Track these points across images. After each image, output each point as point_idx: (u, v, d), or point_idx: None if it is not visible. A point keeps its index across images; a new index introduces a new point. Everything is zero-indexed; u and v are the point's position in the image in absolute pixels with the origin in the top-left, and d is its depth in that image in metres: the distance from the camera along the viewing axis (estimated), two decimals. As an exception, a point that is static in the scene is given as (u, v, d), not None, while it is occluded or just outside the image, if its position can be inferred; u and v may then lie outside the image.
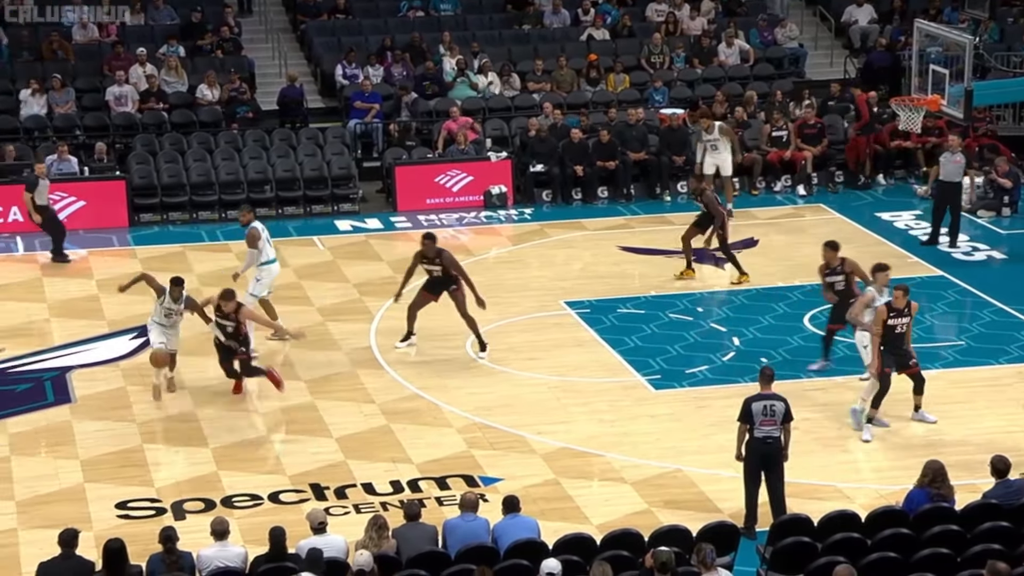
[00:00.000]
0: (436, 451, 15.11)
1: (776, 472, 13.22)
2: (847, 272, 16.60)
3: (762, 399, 13.20)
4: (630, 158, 24.32)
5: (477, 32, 27.93)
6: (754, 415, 13.11)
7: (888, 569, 11.15)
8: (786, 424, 13.22)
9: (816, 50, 28.99)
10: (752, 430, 13.13)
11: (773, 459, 13.19)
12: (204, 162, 23.89)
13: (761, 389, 13.34)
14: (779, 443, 13.21)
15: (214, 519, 11.85)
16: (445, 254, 17.49)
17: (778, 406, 13.16)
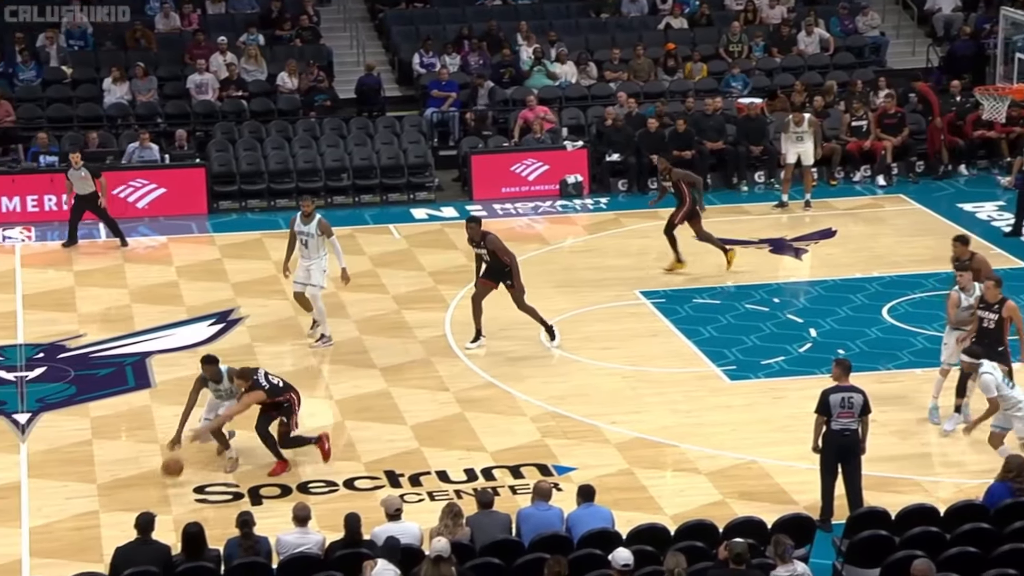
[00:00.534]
0: (510, 440, 15.12)
1: (853, 464, 13.09)
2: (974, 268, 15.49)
3: (840, 391, 13.08)
4: (707, 147, 24.17)
5: (554, 21, 27.88)
6: (832, 407, 13.00)
7: (967, 564, 11.01)
8: (864, 416, 13.10)
9: (898, 39, 28.63)
10: (829, 422, 13.02)
11: (850, 451, 13.06)
12: (282, 150, 24.06)
13: (839, 381, 13.19)
14: (856, 435, 13.08)
15: (296, 504, 11.94)
16: (490, 236, 17.27)
17: (856, 398, 13.03)
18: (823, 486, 13.14)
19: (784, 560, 10.75)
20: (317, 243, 17.40)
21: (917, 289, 19.31)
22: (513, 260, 17.18)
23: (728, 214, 22.84)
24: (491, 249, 17.10)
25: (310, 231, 17.35)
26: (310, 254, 17.40)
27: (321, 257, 17.45)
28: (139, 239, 21.99)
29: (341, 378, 16.68)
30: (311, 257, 17.38)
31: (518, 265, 17.28)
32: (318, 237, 17.35)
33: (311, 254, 17.36)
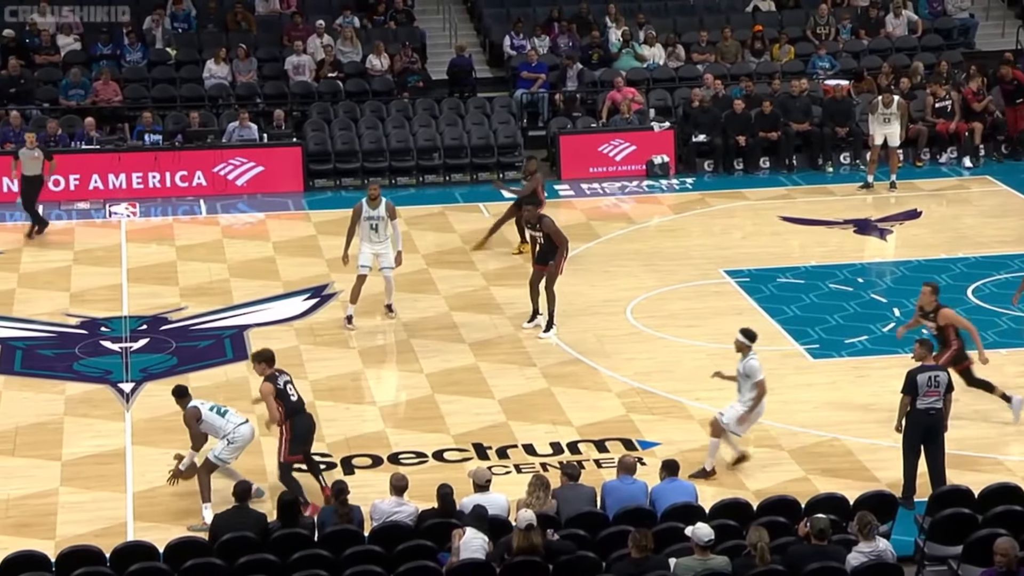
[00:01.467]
0: (595, 415, 15.11)
1: (937, 443, 12.94)
2: None
3: (926, 371, 12.92)
4: (792, 129, 23.91)
5: (643, 3, 27.70)
6: (919, 386, 12.84)
7: (1049, 544, 10.82)
8: (948, 394, 12.94)
9: (987, 20, 28.07)
10: (915, 401, 12.85)
11: (936, 430, 12.91)
12: (376, 130, 24.18)
13: (923, 360, 13.03)
14: (941, 414, 12.91)
15: (394, 474, 12.02)
16: (546, 219, 17.21)
17: (942, 376, 12.89)
18: (906, 465, 12.99)
19: (867, 536, 10.64)
20: (386, 225, 17.43)
21: (1002, 270, 18.98)
22: (563, 244, 17.02)
23: (814, 195, 22.60)
24: (546, 232, 17.02)
25: (379, 214, 17.39)
26: (380, 237, 17.45)
27: (388, 238, 17.50)
28: (238, 215, 22.23)
29: (430, 352, 16.75)
30: (381, 240, 17.43)
31: (567, 251, 17.12)
32: (387, 219, 17.38)
33: (380, 237, 17.42)
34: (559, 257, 16.91)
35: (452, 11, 28.11)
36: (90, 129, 23.14)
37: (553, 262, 16.94)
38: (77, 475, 14.06)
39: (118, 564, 10.95)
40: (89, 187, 22.83)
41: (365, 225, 17.46)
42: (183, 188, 23.04)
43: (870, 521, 10.71)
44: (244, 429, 13.19)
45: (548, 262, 17.01)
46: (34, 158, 20.90)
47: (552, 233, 16.96)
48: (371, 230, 17.47)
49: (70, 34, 25.75)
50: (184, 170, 23.07)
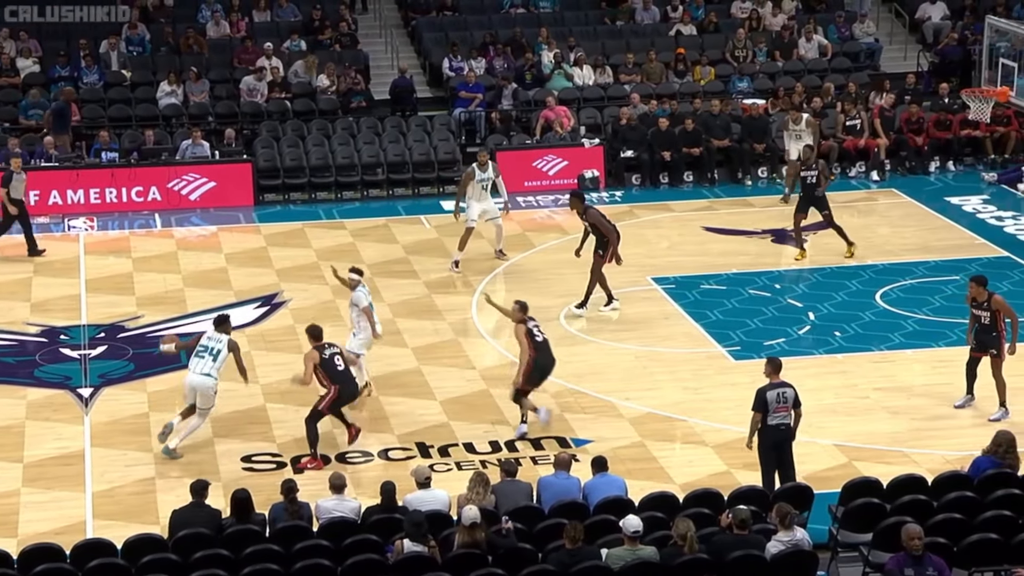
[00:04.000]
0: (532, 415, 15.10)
1: (787, 455, 12.79)
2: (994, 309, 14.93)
3: (775, 388, 12.77)
4: (714, 145, 24.09)
5: (573, 27, 27.80)
6: (769, 403, 12.70)
7: (953, 529, 10.97)
8: (797, 410, 12.79)
9: (891, 45, 28.44)
10: (766, 418, 12.70)
11: (786, 444, 12.77)
12: (322, 147, 24.08)
13: (771, 379, 12.86)
14: (790, 429, 12.76)
15: (332, 474, 11.97)
16: (591, 211, 17.78)
17: (788, 392, 12.75)
18: (764, 479, 12.77)
19: (786, 526, 10.72)
20: (493, 185, 19.56)
21: (908, 276, 19.21)
22: (610, 233, 17.48)
23: (734, 206, 22.77)
24: (591, 223, 17.57)
25: (489, 176, 19.54)
26: (487, 196, 19.60)
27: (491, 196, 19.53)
28: (191, 228, 22.04)
29: (376, 357, 16.68)
30: (489, 198, 19.64)
31: (616, 240, 17.50)
32: (496, 178, 19.59)
33: (488, 196, 19.61)
34: (608, 247, 17.50)
35: (394, 35, 28.07)
36: (49, 147, 22.85)
37: (603, 250, 17.54)
38: (39, 476, 13.88)
39: (78, 561, 10.82)
40: (48, 202, 22.53)
41: (477, 187, 19.47)
42: (139, 203, 22.81)
43: (788, 511, 10.78)
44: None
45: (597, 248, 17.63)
46: (22, 181, 20.51)
47: (597, 223, 17.57)
48: (483, 190, 19.53)
49: (29, 57, 25.44)
50: (139, 186, 22.85)
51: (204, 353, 14.30)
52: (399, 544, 10.72)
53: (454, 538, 10.79)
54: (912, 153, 24.36)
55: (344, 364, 14.26)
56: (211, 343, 14.35)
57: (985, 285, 14.83)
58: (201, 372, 14.20)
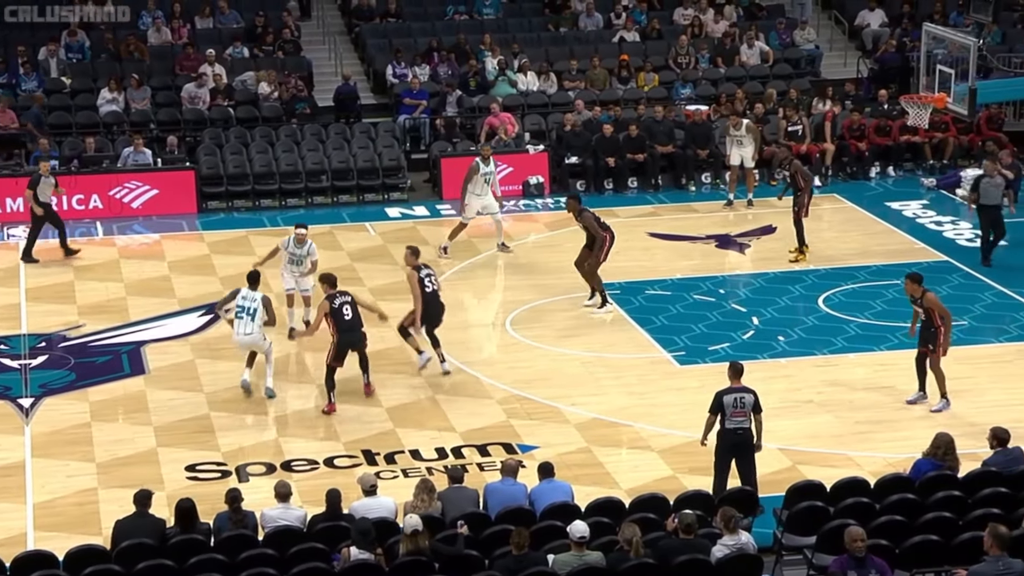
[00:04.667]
0: (478, 421, 15.13)
1: (747, 460, 12.85)
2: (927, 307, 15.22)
3: (733, 392, 12.86)
4: (658, 151, 24.21)
5: (517, 34, 27.85)
6: (725, 407, 12.79)
7: (895, 531, 11.09)
8: (757, 415, 12.87)
9: (831, 51, 28.74)
10: (724, 421, 12.80)
11: (744, 448, 12.84)
12: (266, 154, 23.96)
13: (731, 383, 12.97)
14: (749, 433, 12.85)
15: (278, 482, 11.90)
16: (585, 214, 18.00)
17: (747, 398, 12.83)
18: (716, 482, 12.85)
19: (730, 530, 10.78)
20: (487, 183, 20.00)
21: (849, 280, 19.40)
22: (599, 235, 17.77)
23: (678, 212, 22.89)
24: (584, 225, 17.89)
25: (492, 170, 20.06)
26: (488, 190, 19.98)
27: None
28: (134, 236, 21.84)
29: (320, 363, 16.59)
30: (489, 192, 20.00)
31: (608, 242, 17.88)
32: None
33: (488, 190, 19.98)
34: (599, 248, 17.82)
35: (337, 41, 27.99)
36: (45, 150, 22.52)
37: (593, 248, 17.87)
38: (-22, 488, 13.69)
39: (19, 573, 10.67)
40: (-12, 210, 22.28)
41: (480, 180, 19.77)
42: (80, 211, 22.57)
43: (733, 515, 10.84)
44: None
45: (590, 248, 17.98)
46: (50, 184, 20.64)
47: (590, 227, 17.85)
48: (485, 183, 19.89)
49: (-34, 64, 25.16)
50: (81, 193, 22.61)
51: (243, 314, 15.38)
52: (346, 552, 10.67)
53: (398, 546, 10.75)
54: (853, 159, 24.62)
55: (352, 313, 15.26)
56: (247, 303, 15.41)
57: (920, 282, 15.11)
58: (245, 333, 15.40)
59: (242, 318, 15.43)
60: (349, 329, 15.26)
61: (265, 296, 15.62)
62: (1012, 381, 15.93)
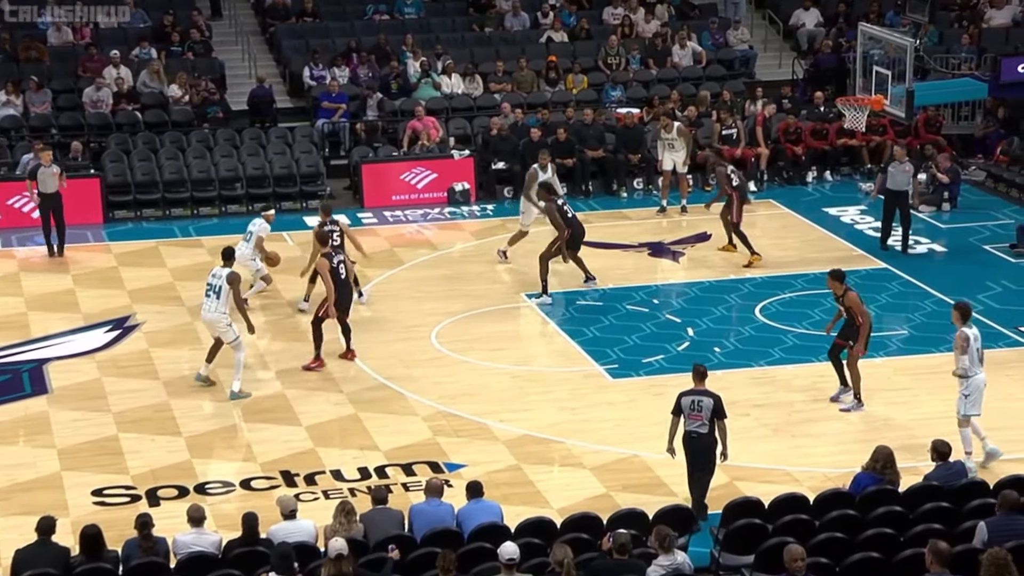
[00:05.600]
0: (402, 439, 15.09)
1: (701, 466, 13.02)
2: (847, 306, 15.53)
3: (692, 394, 13.06)
4: (588, 156, 24.34)
5: (440, 35, 27.88)
6: (683, 408, 13.01)
7: (835, 548, 11.21)
8: (720, 421, 13.02)
9: (765, 52, 29.08)
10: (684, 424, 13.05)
11: (700, 454, 13.01)
12: (176, 160, 23.76)
13: (694, 384, 13.19)
14: (706, 439, 12.99)
15: (190, 506, 11.79)
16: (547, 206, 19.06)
17: (705, 402, 12.99)
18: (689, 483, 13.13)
19: (666, 550, 10.84)
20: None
21: (787, 289, 19.61)
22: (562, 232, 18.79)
23: (610, 219, 23.02)
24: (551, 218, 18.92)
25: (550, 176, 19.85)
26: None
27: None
28: (35, 248, 21.54)
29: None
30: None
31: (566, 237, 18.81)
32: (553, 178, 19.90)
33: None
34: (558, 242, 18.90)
35: (251, 42, 27.83)
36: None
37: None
38: None
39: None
40: None
41: (538, 188, 19.51)
42: (-25, 221, 22.26)
43: (668, 534, 10.91)
44: None
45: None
46: (52, 175, 20.71)
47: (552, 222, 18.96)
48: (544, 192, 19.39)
49: None
50: (-24, 202, 22.30)
51: (209, 291, 15.75)
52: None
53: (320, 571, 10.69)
54: (789, 163, 24.92)
55: (345, 273, 16.60)
56: (214, 280, 15.76)
57: (842, 280, 15.43)
58: (208, 311, 15.75)
59: (208, 296, 15.73)
60: (345, 287, 16.66)
61: (232, 272, 15.80)
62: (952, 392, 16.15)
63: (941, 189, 23.30)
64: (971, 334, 14.16)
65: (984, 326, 17.97)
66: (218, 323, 15.84)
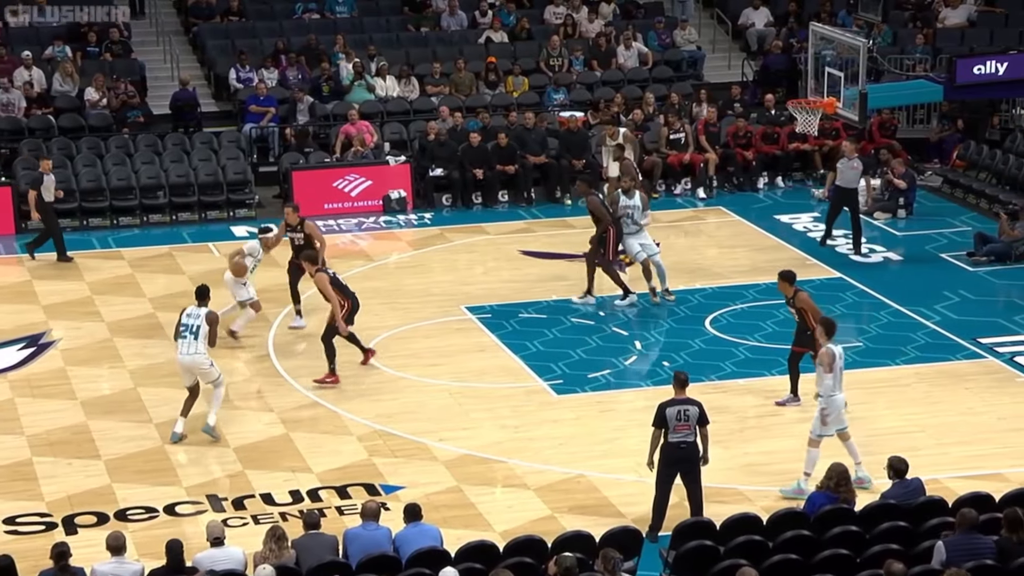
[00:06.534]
0: (336, 460, 15.05)
1: (692, 476, 13.24)
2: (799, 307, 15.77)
3: (676, 404, 13.20)
4: (530, 161, 24.40)
5: (374, 35, 27.87)
6: (668, 420, 13.11)
7: (790, 571, 11.29)
8: (703, 428, 13.25)
9: (714, 53, 29.30)
10: (667, 435, 13.13)
11: (689, 463, 13.21)
12: (94, 168, 23.57)
13: (675, 394, 13.34)
14: (694, 447, 13.22)
15: (110, 534, 11.68)
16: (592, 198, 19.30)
17: (692, 410, 13.18)
18: (657, 498, 13.26)
19: (612, 573, 10.87)
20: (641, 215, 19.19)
21: (738, 300, 19.74)
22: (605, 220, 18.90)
23: (553, 228, 23.08)
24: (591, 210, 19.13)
25: (635, 204, 19.06)
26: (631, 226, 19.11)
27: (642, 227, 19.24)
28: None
29: (161, 401, 16.37)
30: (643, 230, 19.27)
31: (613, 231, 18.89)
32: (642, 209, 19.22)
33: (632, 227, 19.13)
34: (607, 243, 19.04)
35: (173, 42, 27.67)
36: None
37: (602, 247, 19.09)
38: None
39: None
40: None
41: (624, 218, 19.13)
42: None
43: (615, 557, 10.94)
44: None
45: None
46: (53, 183, 21.23)
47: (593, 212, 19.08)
48: (631, 221, 19.13)
49: None
50: None
51: (186, 332, 15.32)
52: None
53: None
54: (740, 169, 25.12)
55: (344, 281, 16.95)
56: (190, 320, 15.37)
57: (792, 281, 15.61)
58: (187, 353, 15.30)
59: (185, 337, 15.32)
60: (354, 295, 16.94)
61: (211, 312, 15.53)
62: (910, 406, 16.36)
63: (897, 195, 23.58)
64: (836, 352, 14.20)
65: (941, 338, 18.23)
66: (200, 365, 15.30)
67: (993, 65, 19.37)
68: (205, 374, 15.42)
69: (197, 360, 15.29)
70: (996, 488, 13.04)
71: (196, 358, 15.28)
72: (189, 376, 15.45)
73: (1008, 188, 23.84)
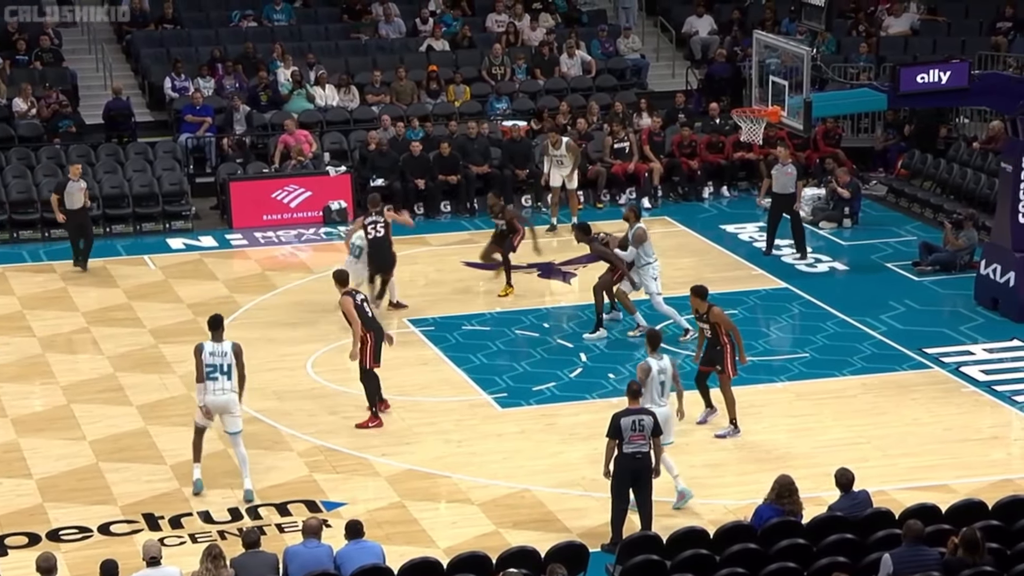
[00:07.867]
0: (276, 476, 14.99)
1: (645, 488, 13.33)
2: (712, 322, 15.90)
3: (630, 414, 13.26)
4: (472, 171, 24.43)
5: (312, 42, 27.82)
6: (623, 430, 13.17)
7: (738, 584, 11.35)
8: (655, 438, 13.34)
9: (658, 61, 29.47)
10: (621, 446, 13.18)
11: (643, 474, 13.28)
12: (24, 179, 23.38)
13: (628, 404, 13.41)
14: (648, 458, 13.29)
15: (40, 555, 11.56)
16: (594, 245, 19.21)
17: (646, 420, 13.25)
18: (614, 511, 13.31)
19: (559, 589, 10.89)
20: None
21: (683, 312, 19.81)
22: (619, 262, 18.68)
23: (495, 239, 23.06)
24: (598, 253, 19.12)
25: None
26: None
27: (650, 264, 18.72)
28: None
29: (94, 417, 16.24)
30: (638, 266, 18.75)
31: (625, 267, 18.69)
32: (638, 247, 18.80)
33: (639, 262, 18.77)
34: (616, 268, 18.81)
35: (106, 51, 27.47)
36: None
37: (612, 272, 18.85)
38: None
39: None
40: None
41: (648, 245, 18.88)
42: None
43: (561, 573, 10.96)
44: None
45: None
46: (80, 190, 21.01)
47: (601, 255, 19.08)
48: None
49: None
50: None
51: (215, 373, 14.42)
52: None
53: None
54: (684, 178, 25.27)
55: (371, 311, 16.25)
56: (216, 359, 14.46)
57: (704, 296, 15.70)
58: (221, 391, 14.43)
59: (216, 378, 14.35)
60: (378, 327, 16.16)
61: (236, 344, 14.58)
62: (856, 417, 16.50)
63: (842, 204, 23.80)
64: (655, 366, 14.28)
65: (887, 348, 18.41)
66: (232, 406, 14.43)
67: (936, 74, 19.57)
68: (232, 420, 14.49)
69: (232, 400, 14.44)
70: (942, 499, 13.19)
71: (232, 397, 14.43)
72: (212, 417, 14.59)
73: (952, 197, 24.12)
